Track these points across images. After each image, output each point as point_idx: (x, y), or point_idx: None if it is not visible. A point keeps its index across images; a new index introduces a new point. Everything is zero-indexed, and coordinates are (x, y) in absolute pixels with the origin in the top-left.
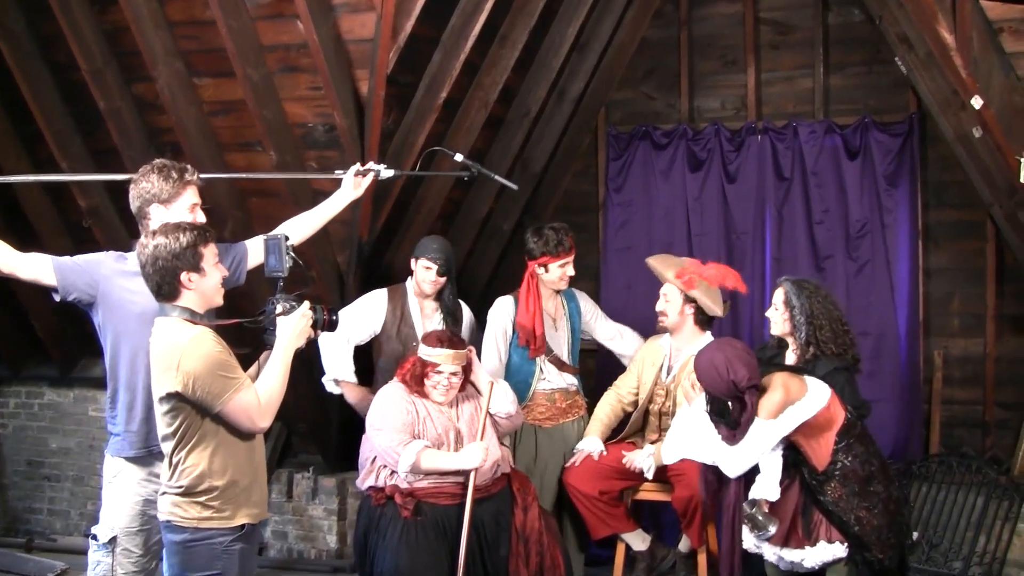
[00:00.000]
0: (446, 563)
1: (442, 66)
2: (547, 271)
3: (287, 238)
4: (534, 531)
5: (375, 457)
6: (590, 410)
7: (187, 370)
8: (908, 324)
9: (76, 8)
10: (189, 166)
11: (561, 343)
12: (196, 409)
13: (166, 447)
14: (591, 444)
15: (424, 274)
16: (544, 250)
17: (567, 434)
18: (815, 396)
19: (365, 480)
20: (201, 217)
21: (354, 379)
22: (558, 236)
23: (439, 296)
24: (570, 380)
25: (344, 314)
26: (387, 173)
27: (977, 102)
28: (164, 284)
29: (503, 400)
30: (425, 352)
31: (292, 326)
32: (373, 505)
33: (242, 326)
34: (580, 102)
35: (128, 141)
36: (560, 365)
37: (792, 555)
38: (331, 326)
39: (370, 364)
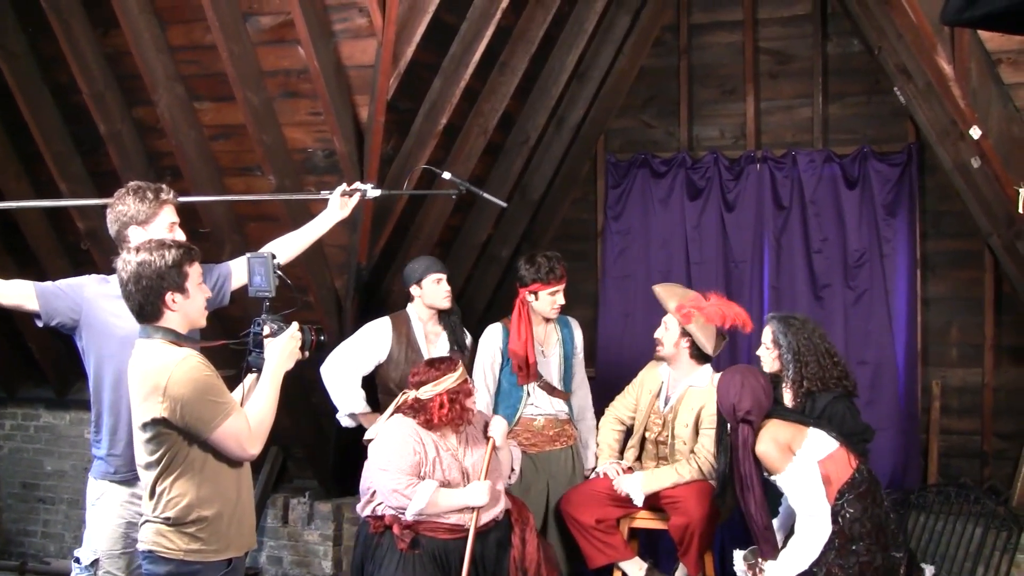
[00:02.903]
0: None
1: (442, 92)
2: (537, 299)
3: (274, 257)
4: (533, 563)
5: (376, 490)
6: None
7: (174, 395)
8: (906, 353)
9: (78, 31)
10: (164, 186)
11: (551, 369)
12: (183, 436)
13: (147, 476)
14: (625, 483)
15: (436, 289)
16: (535, 277)
17: (553, 462)
18: (814, 445)
19: (365, 508)
20: (180, 235)
21: (368, 408)
22: (549, 264)
23: (442, 320)
24: (560, 407)
25: (348, 346)
26: (373, 193)
27: (975, 132)
28: (147, 304)
29: (505, 465)
30: (424, 393)
31: (281, 348)
32: (371, 533)
33: (228, 347)
34: (579, 130)
35: (128, 164)
36: (550, 391)
37: None
38: (319, 347)
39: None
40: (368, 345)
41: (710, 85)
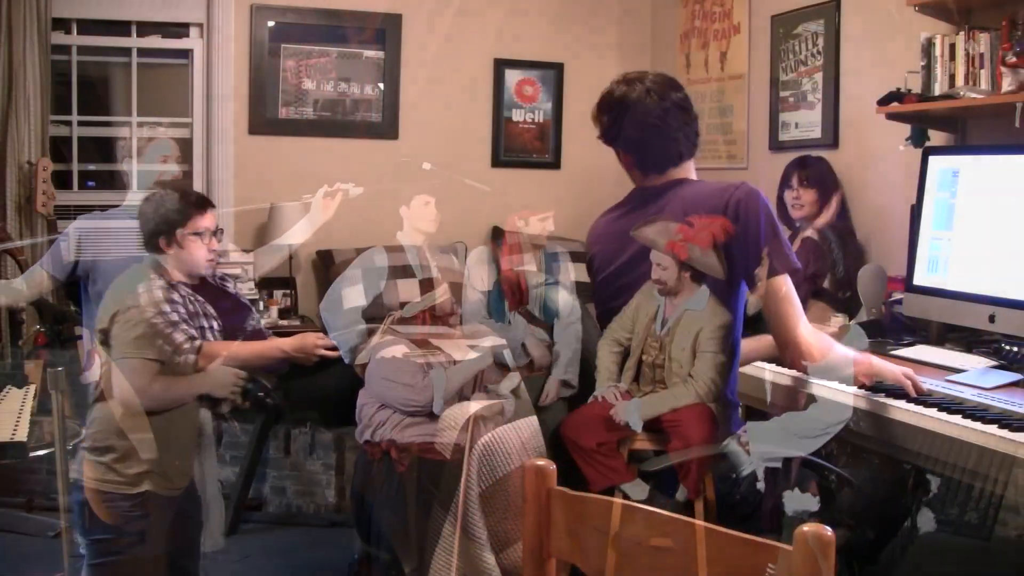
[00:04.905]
0: (442, 518)
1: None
2: (527, 224)
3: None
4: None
5: (373, 413)
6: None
7: (117, 313)
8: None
9: None
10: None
11: (532, 297)
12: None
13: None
14: (622, 410)
15: (423, 210)
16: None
17: (525, 386)
18: (854, 341)
19: (364, 434)
20: (174, 168)
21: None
22: None
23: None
24: (541, 336)
25: (345, 279)
26: (356, 191)
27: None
28: (160, 230)
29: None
30: (408, 311)
31: (220, 377)
32: (368, 460)
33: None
34: None
35: None
36: (530, 318)
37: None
38: (260, 406)
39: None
40: (366, 275)
41: None
